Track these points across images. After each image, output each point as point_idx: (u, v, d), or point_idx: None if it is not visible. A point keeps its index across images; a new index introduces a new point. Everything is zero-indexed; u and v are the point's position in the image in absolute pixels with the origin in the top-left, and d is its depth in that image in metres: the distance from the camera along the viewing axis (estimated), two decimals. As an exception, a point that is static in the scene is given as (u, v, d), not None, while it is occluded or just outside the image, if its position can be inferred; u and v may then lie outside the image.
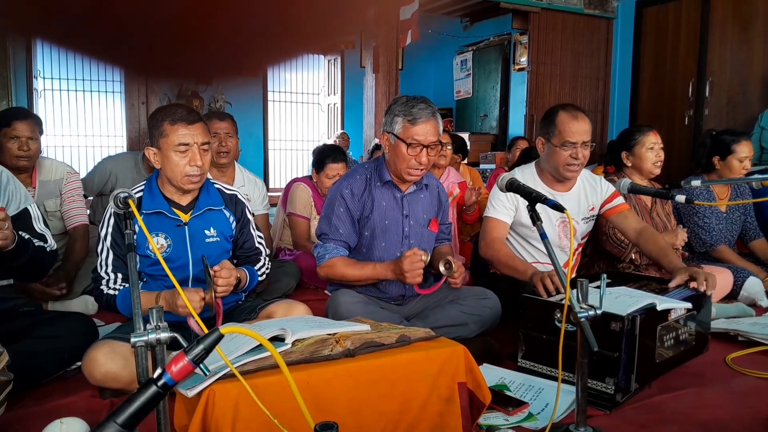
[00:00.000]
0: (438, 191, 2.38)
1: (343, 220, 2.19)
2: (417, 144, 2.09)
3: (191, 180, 1.91)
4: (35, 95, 6.59)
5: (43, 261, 1.99)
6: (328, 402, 1.34)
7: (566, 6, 6.36)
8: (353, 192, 2.20)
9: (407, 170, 2.14)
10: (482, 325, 2.20)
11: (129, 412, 0.78)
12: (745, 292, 2.89)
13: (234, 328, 0.91)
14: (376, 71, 5.57)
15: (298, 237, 3.39)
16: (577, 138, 2.36)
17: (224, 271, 1.81)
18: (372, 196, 2.21)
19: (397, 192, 2.24)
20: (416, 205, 2.28)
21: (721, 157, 3.16)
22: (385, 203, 2.22)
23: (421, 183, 2.28)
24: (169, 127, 1.88)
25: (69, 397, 1.81)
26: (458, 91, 8.18)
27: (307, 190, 3.42)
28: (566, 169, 2.42)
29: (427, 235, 2.30)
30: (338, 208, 2.19)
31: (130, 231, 1.48)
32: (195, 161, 1.89)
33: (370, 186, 2.22)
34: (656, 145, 2.91)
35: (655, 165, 2.90)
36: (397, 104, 2.16)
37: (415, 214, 2.27)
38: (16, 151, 2.66)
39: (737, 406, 1.81)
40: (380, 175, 2.23)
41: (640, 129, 2.97)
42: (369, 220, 2.20)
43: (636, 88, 6.33)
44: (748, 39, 5.40)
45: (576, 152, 2.38)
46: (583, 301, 1.48)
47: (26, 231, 1.96)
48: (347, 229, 2.19)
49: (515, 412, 1.70)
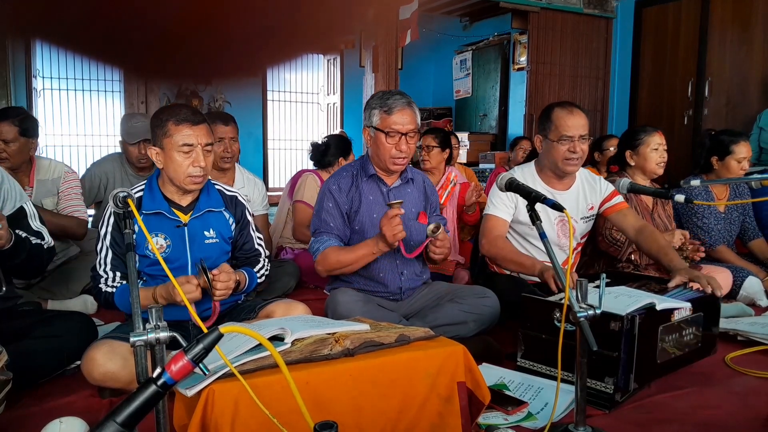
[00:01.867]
0: (424, 185, 2.41)
1: (332, 214, 2.23)
2: (395, 132, 2.15)
3: (194, 181, 1.91)
4: (34, 95, 6.58)
5: (40, 258, 1.99)
6: (328, 401, 1.34)
7: (566, 6, 6.36)
8: (340, 187, 2.25)
9: (391, 160, 2.19)
10: (481, 324, 2.20)
11: (128, 411, 0.78)
12: (744, 291, 2.89)
13: (233, 327, 0.91)
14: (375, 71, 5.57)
15: (298, 224, 3.37)
16: (574, 132, 2.38)
17: (223, 275, 1.80)
18: (359, 191, 2.25)
19: (383, 186, 2.28)
20: (404, 198, 2.28)
21: (719, 158, 3.16)
22: (372, 197, 2.26)
23: (406, 176, 2.32)
24: (173, 127, 1.87)
25: (68, 396, 1.82)
26: (457, 90, 8.18)
27: (317, 180, 3.43)
28: (565, 164, 2.43)
29: (416, 227, 2.31)
30: (327, 203, 2.24)
31: (130, 231, 1.48)
32: (198, 162, 1.89)
33: (356, 181, 2.27)
34: (661, 146, 2.92)
35: (658, 165, 2.91)
36: (374, 99, 2.24)
37: (404, 207, 2.27)
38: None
39: (737, 405, 1.81)
40: (365, 170, 2.28)
41: (645, 129, 2.98)
42: (358, 215, 2.24)
43: (635, 87, 6.33)
44: (748, 39, 5.40)
45: (574, 146, 2.39)
46: (582, 301, 1.49)
47: (22, 229, 1.96)
48: (337, 223, 2.23)
49: (514, 412, 1.70)
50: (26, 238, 1.91)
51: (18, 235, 1.84)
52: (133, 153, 3.19)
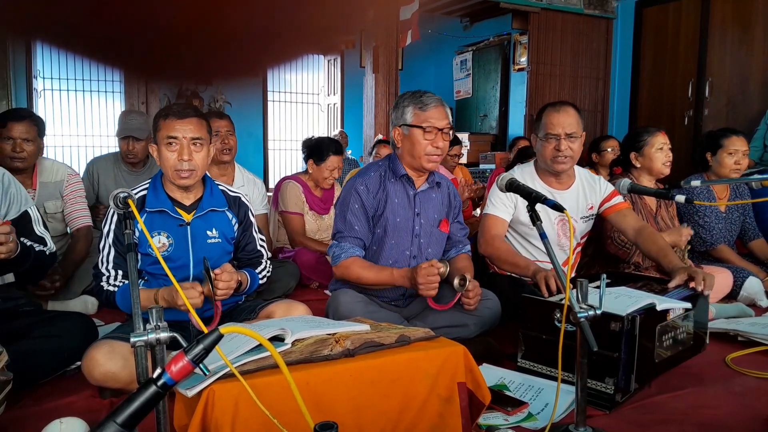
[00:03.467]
0: (449, 191, 2.37)
1: (358, 216, 2.17)
2: (432, 127, 2.12)
3: (180, 175, 1.91)
4: (35, 95, 6.58)
5: (42, 264, 1.99)
6: (328, 402, 1.34)
7: (566, 6, 6.36)
8: (368, 188, 2.19)
9: (426, 157, 2.15)
10: (482, 325, 2.20)
11: (129, 411, 0.78)
12: (744, 292, 2.89)
13: (234, 327, 0.91)
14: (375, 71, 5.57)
15: (293, 233, 3.38)
16: (558, 130, 2.37)
17: (225, 275, 1.80)
18: (386, 192, 2.20)
19: (410, 189, 2.24)
20: (428, 204, 2.27)
21: (712, 153, 3.18)
22: (398, 200, 2.22)
23: (433, 180, 2.28)
24: (162, 121, 1.91)
25: (68, 396, 1.81)
26: (458, 91, 8.18)
27: (298, 186, 3.42)
28: (554, 162, 2.43)
29: (437, 235, 2.29)
30: (353, 204, 2.17)
31: (130, 231, 1.48)
32: (182, 155, 1.88)
33: (384, 182, 2.22)
34: (665, 146, 2.92)
35: (665, 165, 2.91)
36: (404, 98, 2.20)
37: (426, 213, 2.26)
38: (9, 152, 2.61)
39: (737, 406, 1.80)
40: (394, 171, 2.23)
41: (648, 130, 2.98)
42: (382, 218, 2.20)
43: (636, 88, 6.33)
44: (748, 39, 5.40)
45: (559, 144, 2.38)
46: (582, 301, 1.48)
47: (26, 234, 1.96)
48: (362, 226, 2.18)
49: (515, 412, 1.70)
50: (31, 246, 1.91)
51: (23, 244, 1.85)
52: (121, 147, 3.28)
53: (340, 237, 2.18)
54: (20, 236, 1.90)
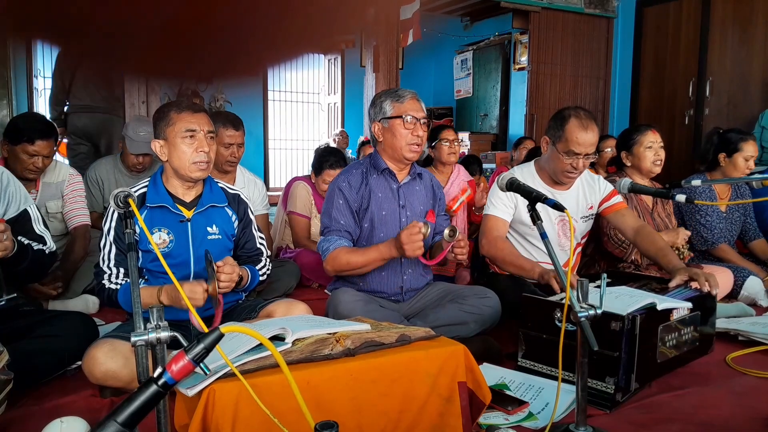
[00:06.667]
0: (432, 183, 2.41)
1: (342, 211, 2.22)
2: (410, 116, 2.18)
3: (199, 167, 1.92)
4: (35, 95, 6.58)
5: (42, 263, 1.99)
6: (328, 401, 1.34)
7: (567, 5, 6.35)
8: (351, 184, 2.24)
9: (408, 147, 2.20)
10: (482, 324, 2.20)
11: (129, 411, 0.78)
12: (745, 291, 2.89)
13: (234, 327, 0.91)
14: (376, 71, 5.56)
15: (298, 236, 3.40)
16: (582, 150, 2.34)
17: (227, 267, 1.81)
18: (369, 187, 2.24)
19: (393, 182, 2.28)
20: (412, 197, 2.30)
21: (727, 154, 3.17)
22: (381, 194, 2.25)
23: (415, 172, 2.32)
24: (175, 115, 1.91)
25: (69, 396, 1.81)
26: (458, 90, 8.18)
27: (307, 188, 3.43)
28: (564, 175, 2.43)
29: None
30: (337, 200, 2.23)
31: (130, 230, 1.48)
32: (202, 147, 1.91)
33: (366, 177, 2.26)
34: (655, 144, 2.90)
35: (654, 164, 2.90)
36: (380, 95, 2.28)
37: (412, 205, 2.30)
38: (30, 165, 2.64)
39: (737, 405, 1.80)
40: (376, 166, 2.27)
41: (638, 128, 2.98)
42: (367, 212, 2.23)
43: (636, 87, 6.33)
44: (748, 39, 5.40)
45: (577, 162, 2.37)
46: (583, 301, 1.48)
47: (26, 233, 1.96)
48: (348, 220, 2.22)
49: (515, 412, 1.70)
50: (29, 245, 1.91)
51: (21, 243, 1.85)
52: (131, 159, 3.27)
53: (327, 231, 2.22)
54: (19, 235, 1.90)
